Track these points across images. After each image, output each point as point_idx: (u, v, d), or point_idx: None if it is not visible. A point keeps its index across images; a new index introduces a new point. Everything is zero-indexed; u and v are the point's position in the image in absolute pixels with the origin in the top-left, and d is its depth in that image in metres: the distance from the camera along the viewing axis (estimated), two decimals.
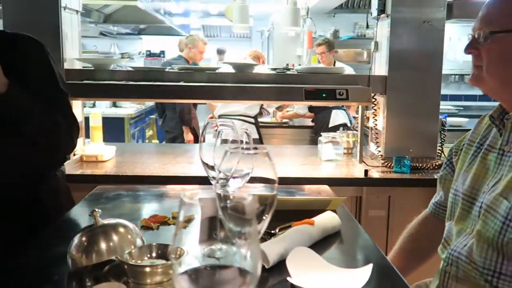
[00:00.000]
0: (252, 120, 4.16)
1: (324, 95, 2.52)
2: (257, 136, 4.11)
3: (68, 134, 1.53)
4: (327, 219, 1.34)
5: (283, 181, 1.82)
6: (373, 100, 2.71)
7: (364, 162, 2.63)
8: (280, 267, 1.08)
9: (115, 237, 1.02)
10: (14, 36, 1.57)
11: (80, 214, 1.54)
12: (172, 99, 3.35)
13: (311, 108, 4.69)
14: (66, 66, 2.59)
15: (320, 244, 1.25)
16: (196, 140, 4.57)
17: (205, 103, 5.04)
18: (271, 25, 7.95)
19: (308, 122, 4.92)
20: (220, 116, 4.13)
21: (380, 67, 2.78)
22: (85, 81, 2.56)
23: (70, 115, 1.56)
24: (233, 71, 2.75)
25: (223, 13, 7.82)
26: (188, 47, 4.60)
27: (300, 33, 6.24)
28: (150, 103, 5.87)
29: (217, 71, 2.78)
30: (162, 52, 8.95)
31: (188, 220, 0.76)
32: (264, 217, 0.88)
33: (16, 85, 1.37)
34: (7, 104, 1.35)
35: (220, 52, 9.07)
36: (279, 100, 3.44)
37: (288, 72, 2.88)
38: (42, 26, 2.51)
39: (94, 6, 5.36)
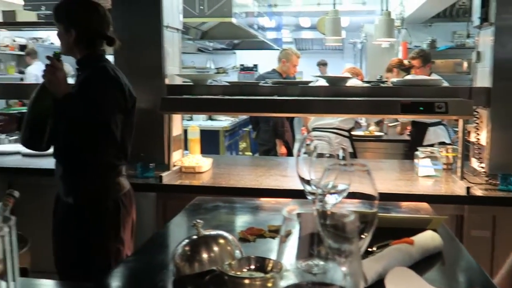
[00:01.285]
0: (346, 134, 4.10)
1: (421, 108, 2.43)
2: (351, 150, 4.04)
3: (102, 148, 1.91)
4: (428, 239, 1.29)
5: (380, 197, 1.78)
6: (475, 113, 2.56)
7: (466, 179, 2.49)
8: (378, 286, 1.06)
9: (216, 248, 1.06)
10: (94, 70, 1.95)
11: (181, 223, 1.61)
12: (266, 112, 3.41)
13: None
14: (167, 81, 2.75)
15: (420, 265, 1.20)
16: (289, 153, 4.59)
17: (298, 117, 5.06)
18: (363, 37, 7.83)
19: (403, 136, 4.75)
20: (314, 129, 4.12)
21: (482, 78, 2.63)
22: (184, 96, 2.70)
23: (110, 136, 1.87)
24: (326, 84, 2.75)
25: (315, 26, 7.85)
26: (282, 61, 4.65)
27: (394, 44, 6.09)
28: (244, 116, 6.01)
29: (310, 84, 2.79)
30: (255, 66, 9.16)
31: (287, 235, 0.77)
32: (363, 235, 0.87)
33: (74, 98, 1.83)
34: (61, 104, 1.83)
35: (322, 64, 9.08)
36: (373, 114, 3.36)
37: (382, 85, 2.81)
38: (146, 44, 2.69)
39: (192, 24, 5.63)
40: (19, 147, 3.30)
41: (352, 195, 0.96)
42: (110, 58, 2.72)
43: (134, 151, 2.45)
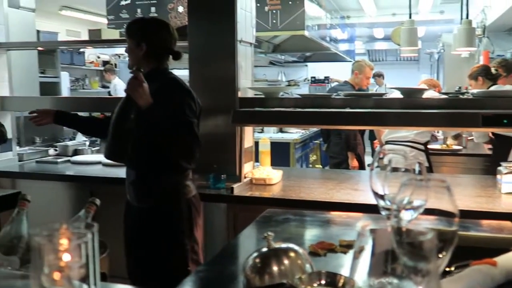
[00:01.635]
0: (422, 147, 3.94)
1: (505, 121, 2.29)
2: (427, 164, 3.88)
3: (187, 146, 2.02)
4: None
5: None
6: None
7: None
8: None
9: (286, 261, 1.05)
10: (166, 80, 2.14)
11: (251, 235, 1.62)
12: (338, 125, 3.36)
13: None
14: (240, 94, 2.79)
15: None
16: (361, 167, 4.50)
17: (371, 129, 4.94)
18: (441, 47, 7.54)
19: (483, 150, 4.49)
20: (387, 142, 4.01)
21: None
22: (256, 108, 2.73)
23: (193, 133, 2.00)
24: (401, 96, 2.67)
25: (389, 37, 7.68)
26: (355, 73, 4.58)
27: (475, 53, 5.81)
28: (314, 128, 5.97)
29: (384, 96, 2.72)
30: (327, 78, 9.08)
31: (360, 251, 0.75)
32: (442, 254, 0.83)
33: (156, 106, 1.94)
34: (146, 113, 1.94)
35: (377, 75, 8.76)
36: (452, 127, 3.21)
37: (461, 96, 2.68)
38: (220, 58, 2.75)
39: (265, 38, 5.71)
40: (101, 157, 3.49)
41: (429, 212, 0.92)
42: (185, 72, 2.84)
43: (206, 162, 2.52)
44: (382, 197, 1.20)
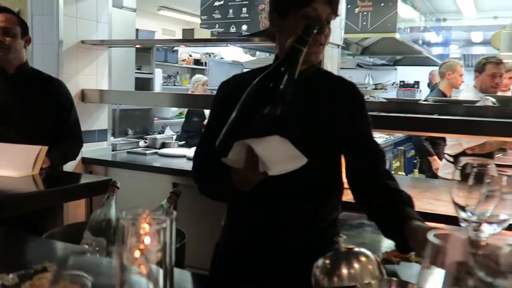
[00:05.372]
0: (452, 159, 3.66)
1: None
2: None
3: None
4: None
5: None
6: None
7: None
8: None
9: (356, 265, 1.04)
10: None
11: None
12: (425, 132, 3.23)
13: None
14: None
15: None
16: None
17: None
18: None
19: None
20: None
21: None
22: None
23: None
24: (495, 104, 2.52)
25: (488, 41, 7.23)
26: (447, 74, 4.30)
27: None
28: (399, 134, 5.79)
29: (477, 104, 2.59)
30: (417, 83, 8.75)
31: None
32: None
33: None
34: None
35: None
36: None
37: None
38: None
39: (354, 40, 5.63)
40: (185, 151, 3.65)
41: None
42: None
43: None
44: (463, 208, 1.16)
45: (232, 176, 1.22)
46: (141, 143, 4.00)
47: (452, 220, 1.19)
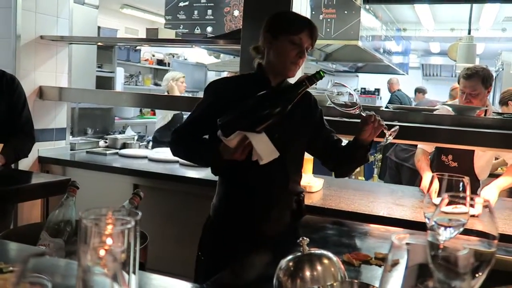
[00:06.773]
0: None
1: None
2: None
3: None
4: None
5: (504, 238, 1.63)
6: None
7: None
8: None
9: (319, 267, 1.05)
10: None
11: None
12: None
13: None
14: None
15: None
16: None
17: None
18: (500, 65, 7.29)
19: None
20: None
21: None
22: None
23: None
24: (452, 113, 2.61)
25: (446, 52, 7.50)
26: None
27: None
28: None
29: (434, 112, 2.67)
30: (377, 90, 8.95)
31: (394, 264, 0.75)
32: (478, 274, 0.81)
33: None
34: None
35: (419, 91, 8.32)
36: (505, 148, 3.10)
37: None
38: None
39: (317, 46, 5.69)
40: (147, 152, 3.60)
41: (469, 232, 0.91)
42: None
43: None
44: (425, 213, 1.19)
45: (220, 147, 1.68)
46: (101, 143, 3.92)
47: (411, 225, 1.23)
